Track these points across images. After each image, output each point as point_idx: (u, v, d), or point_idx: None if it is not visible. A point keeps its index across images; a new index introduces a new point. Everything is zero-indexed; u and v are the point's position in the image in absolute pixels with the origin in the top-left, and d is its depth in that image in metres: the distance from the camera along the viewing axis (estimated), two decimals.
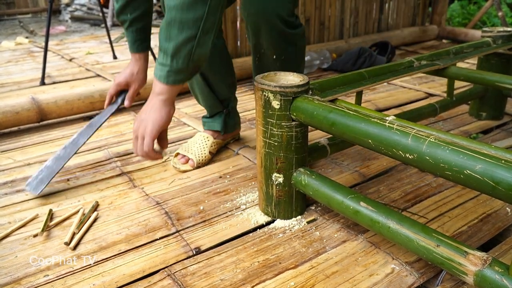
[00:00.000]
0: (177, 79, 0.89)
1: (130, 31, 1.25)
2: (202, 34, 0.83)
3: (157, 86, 0.91)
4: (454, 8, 4.67)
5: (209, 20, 0.82)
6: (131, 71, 1.27)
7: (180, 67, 0.86)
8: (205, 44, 0.86)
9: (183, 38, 0.82)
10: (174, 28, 0.82)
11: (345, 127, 0.85)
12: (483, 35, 1.59)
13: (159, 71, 0.89)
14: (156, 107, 0.93)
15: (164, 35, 0.85)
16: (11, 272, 0.92)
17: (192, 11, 0.80)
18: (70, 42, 3.97)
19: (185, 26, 0.81)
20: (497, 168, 0.62)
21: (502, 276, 0.68)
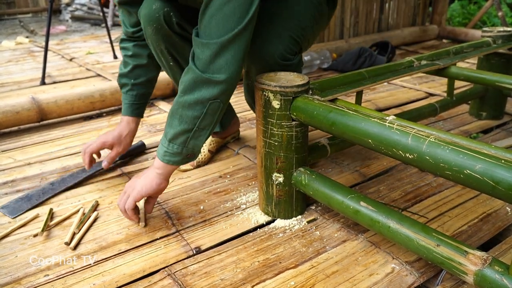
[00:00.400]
0: (172, 160, 0.99)
1: (130, 95, 1.26)
2: (198, 130, 0.95)
3: (156, 160, 1.01)
4: (454, 8, 4.67)
5: (205, 120, 0.94)
6: (119, 134, 1.26)
7: (175, 151, 0.97)
8: (200, 138, 0.97)
9: (181, 129, 0.95)
10: (175, 119, 0.95)
11: (345, 127, 0.85)
12: (483, 35, 1.59)
13: (159, 149, 1.00)
14: (150, 176, 1.01)
15: (168, 121, 0.98)
16: (11, 272, 0.92)
17: (191, 110, 0.93)
18: (71, 42, 3.98)
19: (184, 120, 0.94)
20: (497, 167, 0.62)
21: (502, 275, 0.68)
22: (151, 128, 1.73)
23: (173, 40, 1.15)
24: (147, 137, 1.62)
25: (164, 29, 1.11)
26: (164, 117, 1.86)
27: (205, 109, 0.93)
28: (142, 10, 1.12)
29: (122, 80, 1.27)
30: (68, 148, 1.56)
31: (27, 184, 1.30)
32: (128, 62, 1.25)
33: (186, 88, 0.92)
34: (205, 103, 0.92)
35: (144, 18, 1.12)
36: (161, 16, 1.10)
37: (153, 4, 1.10)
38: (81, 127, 1.78)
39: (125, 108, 1.28)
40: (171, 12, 1.10)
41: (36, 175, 1.35)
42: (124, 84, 1.26)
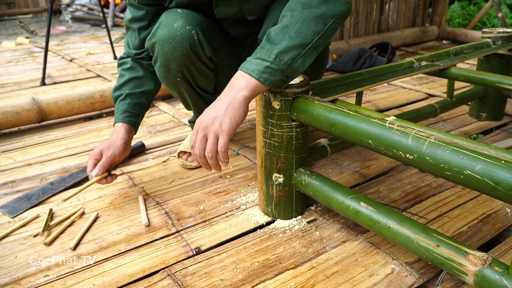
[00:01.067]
0: (270, 79, 0.86)
1: (122, 103, 1.20)
2: (312, 47, 0.88)
3: (244, 80, 0.87)
4: (454, 9, 4.68)
5: (322, 38, 0.88)
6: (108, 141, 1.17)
7: (280, 68, 0.86)
8: (309, 57, 0.89)
9: (296, 42, 0.86)
10: (291, 31, 0.86)
11: (346, 127, 0.85)
12: (483, 36, 1.59)
13: (254, 65, 0.87)
14: (236, 104, 0.86)
15: (274, 36, 0.87)
16: (11, 272, 0.92)
17: (314, 24, 0.87)
18: (71, 43, 3.98)
19: (303, 33, 0.86)
20: (497, 168, 0.62)
21: (502, 276, 0.68)
22: (151, 129, 1.73)
23: (190, 59, 1.14)
24: (147, 138, 1.62)
25: (183, 48, 1.11)
26: (165, 117, 1.86)
27: (326, 27, 0.88)
28: (160, 30, 1.11)
29: (115, 93, 1.22)
30: (68, 148, 1.56)
31: (27, 184, 1.30)
32: (124, 75, 1.22)
33: (312, 2, 0.87)
34: (328, 19, 0.88)
35: (163, 37, 1.10)
36: (183, 35, 1.09)
37: (174, 22, 1.09)
38: (81, 127, 1.78)
39: (116, 116, 1.20)
40: (193, 30, 1.10)
41: (36, 176, 1.35)
42: (117, 96, 1.21)
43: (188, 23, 1.10)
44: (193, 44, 1.11)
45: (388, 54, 2.65)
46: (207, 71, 1.21)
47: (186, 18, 1.10)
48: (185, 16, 1.10)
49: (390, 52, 2.67)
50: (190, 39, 1.10)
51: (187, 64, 1.15)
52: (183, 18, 1.10)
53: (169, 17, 1.11)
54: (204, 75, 1.22)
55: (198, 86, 1.25)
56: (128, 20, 1.20)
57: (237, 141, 1.55)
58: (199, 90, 1.27)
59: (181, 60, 1.13)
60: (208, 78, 1.24)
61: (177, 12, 1.12)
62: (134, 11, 1.18)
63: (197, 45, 1.12)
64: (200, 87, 1.26)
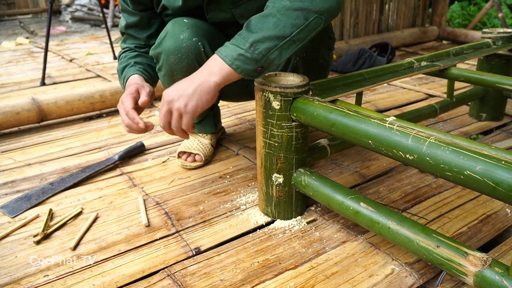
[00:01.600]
0: (243, 67, 0.86)
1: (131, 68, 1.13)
2: (290, 40, 0.85)
3: (217, 64, 0.87)
4: (454, 9, 4.68)
5: (302, 33, 0.85)
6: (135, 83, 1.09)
7: (254, 57, 0.85)
8: (286, 51, 0.87)
9: (273, 33, 0.84)
10: (270, 22, 0.84)
11: (346, 127, 0.85)
12: (483, 36, 1.59)
13: (229, 50, 0.86)
14: (205, 88, 0.86)
15: (254, 25, 0.86)
16: (11, 272, 0.92)
17: (294, 17, 0.84)
18: (71, 43, 3.98)
19: (281, 25, 0.84)
20: (497, 169, 0.62)
21: (502, 276, 0.68)
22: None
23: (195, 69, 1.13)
24: (146, 138, 1.62)
25: (189, 59, 1.11)
26: None
27: (308, 22, 0.85)
28: (167, 40, 1.09)
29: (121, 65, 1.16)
30: (68, 148, 1.56)
31: (27, 184, 1.30)
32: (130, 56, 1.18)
33: None
34: (311, 14, 0.85)
35: (169, 48, 1.10)
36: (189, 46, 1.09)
37: (181, 34, 1.09)
38: (81, 127, 1.78)
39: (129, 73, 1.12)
40: (199, 42, 1.09)
41: (36, 176, 1.35)
42: (124, 66, 1.15)
43: (195, 35, 1.09)
44: (199, 56, 1.11)
45: (388, 54, 2.65)
46: None
47: (192, 29, 1.09)
48: (191, 27, 1.10)
49: (390, 52, 2.67)
50: (196, 51, 1.10)
51: None
52: (189, 29, 1.09)
53: (175, 28, 1.10)
54: None
55: None
56: (124, 27, 1.20)
57: (236, 141, 1.55)
58: None
59: (186, 71, 1.13)
60: None
61: (183, 22, 1.10)
62: (128, 17, 1.18)
63: (203, 56, 1.12)
64: None
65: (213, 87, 0.88)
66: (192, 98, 0.87)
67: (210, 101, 0.88)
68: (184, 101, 0.87)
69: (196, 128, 1.42)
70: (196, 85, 0.87)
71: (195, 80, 0.88)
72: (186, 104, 0.87)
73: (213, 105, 1.36)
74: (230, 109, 1.93)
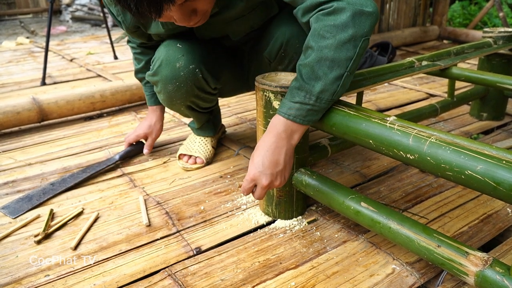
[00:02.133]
0: (314, 119, 0.86)
1: (148, 86, 1.38)
2: (349, 74, 0.83)
3: (291, 127, 0.86)
4: (455, 8, 4.67)
5: (355, 62, 0.82)
6: (149, 123, 1.41)
7: (323, 107, 0.85)
8: (346, 85, 0.85)
9: (333, 76, 0.82)
10: (324, 66, 0.81)
11: (346, 127, 0.85)
12: (484, 35, 1.59)
13: (297, 111, 0.85)
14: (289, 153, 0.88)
15: (309, 74, 0.83)
16: (11, 272, 0.92)
17: (345, 51, 0.80)
18: (71, 43, 3.98)
19: (336, 64, 0.81)
20: (498, 168, 0.62)
21: (503, 276, 0.67)
22: None
23: (194, 94, 1.16)
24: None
25: (187, 87, 1.13)
26: (165, 117, 1.86)
27: (357, 49, 0.81)
28: (163, 69, 1.11)
29: (138, 75, 1.38)
30: (69, 148, 1.56)
31: (27, 184, 1.30)
32: (140, 59, 1.33)
33: (338, 27, 0.80)
34: (358, 40, 0.80)
35: (166, 77, 1.11)
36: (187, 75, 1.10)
37: (176, 62, 1.09)
38: (81, 127, 1.78)
39: (148, 99, 1.40)
40: (197, 69, 1.10)
41: (37, 176, 1.35)
42: (141, 78, 1.38)
43: (191, 62, 1.09)
44: (198, 82, 1.13)
45: (388, 54, 2.65)
46: (211, 97, 1.24)
47: (188, 56, 1.09)
48: (187, 53, 1.10)
49: (391, 52, 2.66)
50: (194, 78, 1.11)
51: (191, 99, 1.18)
52: (185, 56, 1.09)
53: (170, 55, 1.10)
54: (208, 101, 1.25)
55: (202, 108, 1.28)
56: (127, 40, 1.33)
57: (237, 140, 1.55)
58: (203, 110, 1.30)
59: (185, 97, 1.16)
60: (212, 101, 1.28)
61: (178, 48, 1.10)
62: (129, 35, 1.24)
63: (201, 81, 1.13)
64: (204, 108, 1.29)
65: (290, 147, 0.89)
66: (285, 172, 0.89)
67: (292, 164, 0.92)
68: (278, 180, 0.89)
69: (195, 132, 1.43)
70: (283, 156, 0.87)
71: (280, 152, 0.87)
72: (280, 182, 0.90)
73: (212, 107, 1.37)
74: (230, 108, 1.93)
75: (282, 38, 1.08)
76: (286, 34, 1.07)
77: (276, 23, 1.11)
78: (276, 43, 1.10)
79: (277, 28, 1.10)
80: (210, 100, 1.25)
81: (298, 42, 1.07)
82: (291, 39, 1.07)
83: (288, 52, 1.09)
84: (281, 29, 1.08)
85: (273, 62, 1.14)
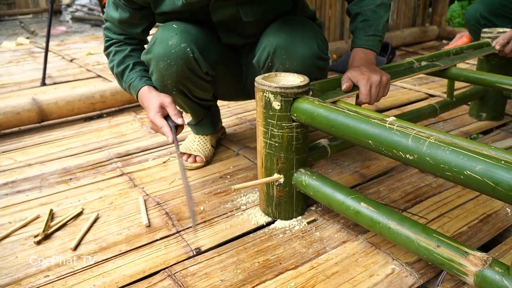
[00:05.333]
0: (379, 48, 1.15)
1: (134, 72, 1.18)
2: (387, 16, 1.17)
3: (369, 55, 1.12)
4: (454, 8, 4.68)
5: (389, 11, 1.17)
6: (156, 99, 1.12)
7: (383, 36, 1.14)
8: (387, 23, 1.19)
9: (387, 15, 1.15)
10: (383, 10, 1.14)
11: (346, 128, 0.85)
12: (483, 35, 1.59)
13: (372, 42, 1.12)
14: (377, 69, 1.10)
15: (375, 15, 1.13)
16: (11, 272, 0.92)
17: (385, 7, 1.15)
18: (71, 43, 3.98)
19: (388, 7, 1.16)
20: (497, 168, 0.62)
21: (502, 276, 0.68)
22: None
23: (185, 75, 1.15)
24: (147, 138, 1.62)
25: (178, 66, 1.12)
26: None
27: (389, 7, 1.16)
28: (156, 46, 1.11)
29: (119, 68, 1.18)
30: (69, 149, 1.56)
31: (27, 185, 1.30)
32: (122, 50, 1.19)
33: None
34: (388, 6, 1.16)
35: (158, 54, 1.11)
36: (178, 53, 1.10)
37: (169, 40, 1.10)
38: (81, 128, 1.78)
39: (135, 84, 1.16)
40: (188, 48, 1.10)
41: (37, 176, 1.35)
42: (124, 68, 1.18)
43: (183, 41, 1.10)
44: (188, 62, 1.12)
45: (388, 54, 2.65)
46: (204, 84, 1.22)
47: (181, 35, 1.10)
48: (180, 32, 1.10)
49: (390, 52, 2.67)
50: (185, 57, 1.11)
51: (182, 80, 1.16)
52: (178, 35, 1.10)
53: (164, 34, 1.11)
54: (201, 88, 1.23)
55: (195, 97, 1.26)
56: (116, 19, 1.17)
57: (237, 141, 1.55)
58: (197, 100, 1.28)
59: (176, 77, 1.14)
60: (206, 89, 1.25)
61: (173, 28, 1.11)
62: (121, 13, 1.16)
63: (192, 62, 1.12)
64: (197, 97, 1.27)
65: None
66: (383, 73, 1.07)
67: None
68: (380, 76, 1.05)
69: (194, 130, 1.43)
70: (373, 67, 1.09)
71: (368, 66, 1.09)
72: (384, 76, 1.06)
73: (210, 106, 1.37)
74: (230, 109, 1.94)
75: (269, 48, 1.09)
76: (273, 44, 1.08)
77: (267, 32, 1.13)
78: (263, 52, 1.11)
79: (266, 37, 1.11)
80: (203, 87, 1.23)
81: (285, 53, 1.08)
82: (278, 50, 1.08)
83: (275, 63, 1.10)
84: (270, 39, 1.09)
85: (262, 71, 1.15)
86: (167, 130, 1.08)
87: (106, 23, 1.22)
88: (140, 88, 1.16)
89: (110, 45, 1.21)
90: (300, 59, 1.07)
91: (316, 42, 1.09)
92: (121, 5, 1.15)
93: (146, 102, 1.14)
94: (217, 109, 1.46)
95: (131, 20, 1.17)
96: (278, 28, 1.10)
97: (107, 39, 1.22)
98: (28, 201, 1.21)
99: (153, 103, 1.11)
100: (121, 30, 1.20)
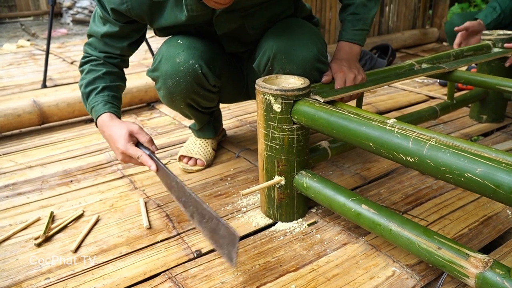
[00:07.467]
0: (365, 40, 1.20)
1: (101, 96, 1.11)
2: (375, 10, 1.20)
3: (354, 48, 1.17)
4: (454, 10, 4.68)
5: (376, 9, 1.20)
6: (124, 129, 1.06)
7: (370, 28, 1.18)
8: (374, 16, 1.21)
9: (376, 8, 1.18)
10: (373, 3, 1.17)
11: (346, 130, 0.85)
12: (483, 38, 1.59)
13: (359, 36, 1.17)
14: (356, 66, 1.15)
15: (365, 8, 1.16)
16: (12, 274, 0.92)
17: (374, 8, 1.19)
18: (72, 45, 3.99)
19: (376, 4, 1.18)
20: (498, 171, 0.62)
21: (503, 278, 0.68)
22: (152, 131, 1.73)
23: (194, 90, 1.15)
24: None
25: (187, 82, 1.12)
26: (165, 120, 1.86)
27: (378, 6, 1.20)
28: (163, 64, 1.11)
29: (87, 88, 1.12)
30: (70, 151, 1.56)
31: (28, 187, 1.30)
32: (96, 70, 1.13)
33: None
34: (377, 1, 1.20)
35: (166, 72, 1.11)
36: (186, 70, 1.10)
37: (176, 57, 1.10)
38: (82, 130, 1.79)
39: (98, 108, 1.09)
40: (196, 64, 1.10)
41: (37, 178, 1.35)
42: (91, 89, 1.11)
43: (191, 57, 1.10)
44: (197, 77, 1.12)
45: (388, 56, 2.65)
46: (211, 95, 1.23)
47: (188, 51, 1.10)
48: (187, 48, 1.10)
49: (391, 54, 2.67)
50: (194, 73, 1.11)
51: (191, 95, 1.17)
52: (185, 51, 1.10)
53: (170, 51, 1.11)
54: (208, 99, 1.24)
55: (202, 107, 1.27)
56: (99, 34, 1.12)
57: (237, 143, 1.56)
58: (203, 110, 1.29)
59: (185, 93, 1.15)
60: (213, 100, 1.26)
61: (178, 44, 1.11)
62: (109, 27, 1.11)
63: (201, 77, 1.13)
64: (204, 107, 1.28)
65: None
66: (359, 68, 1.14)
67: None
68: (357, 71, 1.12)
69: (196, 134, 1.43)
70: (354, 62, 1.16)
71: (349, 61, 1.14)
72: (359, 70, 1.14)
73: (213, 110, 1.37)
74: (231, 111, 1.94)
75: (269, 52, 1.09)
76: (273, 49, 1.08)
77: (266, 36, 1.13)
78: (263, 57, 1.11)
79: (266, 41, 1.11)
80: (211, 98, 1.24)
81: (285, 57, 1.08)
82: (278, 54, 1.08)
83: (275, 67, 1.10)
84: (269, 43, 1.09)
85: (262, 75, 1.15)
86: (147, 159, 1.05)
87: (89, 39, 1.17)
88: (101, 114, 1.09)
89: (86, 62, 1.15)
90: (300, 63, 1.08)
91: (316, 45, 1.09)
92: (111, 20, 1.09)
93: (108, 131, 1.07)
94: (219, 112, 1.47)
95: (119, 33, 1.12)
96: (277, 31, 1.10)
97: (85, 55, 1.17)
98: (28, 203, 1.21)
99: (119, 132, 1.05)
100: (103, 46, 1.14)
